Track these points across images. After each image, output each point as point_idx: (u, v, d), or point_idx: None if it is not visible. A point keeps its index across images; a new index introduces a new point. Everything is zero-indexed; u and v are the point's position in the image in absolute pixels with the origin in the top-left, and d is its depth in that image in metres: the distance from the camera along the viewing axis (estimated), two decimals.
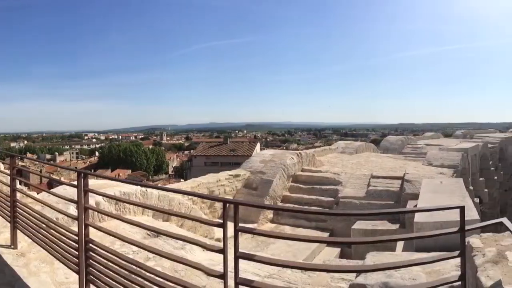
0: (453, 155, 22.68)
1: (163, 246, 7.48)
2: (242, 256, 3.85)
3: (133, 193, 9.36)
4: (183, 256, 6.58)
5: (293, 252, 11.90)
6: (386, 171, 18.89)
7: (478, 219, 8.26)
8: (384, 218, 13.31)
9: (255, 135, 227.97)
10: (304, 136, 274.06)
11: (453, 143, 33.37)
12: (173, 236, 4.54)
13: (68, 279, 5.95)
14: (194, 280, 6.02)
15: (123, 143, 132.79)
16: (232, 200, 4.80)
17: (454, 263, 5.54)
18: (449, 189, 12.07)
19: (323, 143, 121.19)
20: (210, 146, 77.68)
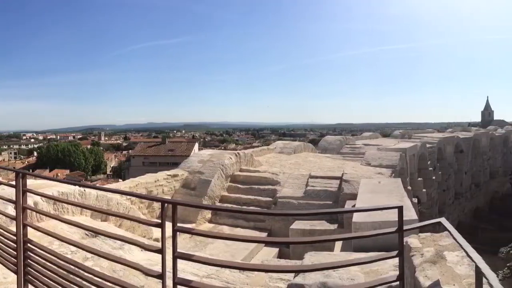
0: (391, 155, 23.31)
1: (102, 246, 7.51)
2: (180, 256, 3.88)
3: (71, 193, 9.36)
4: (122, 256, 6.64)
5: (231, 252, 12.09)
6: (324, 171, 19.25)
7: (416, 219, 8.54)
8: (323, 218, 13.61)
9: (193, 135, 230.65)
10: (242, 136, 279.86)
11: (392, 143, 34.25)
12: (112, 236, 4.56)
13: (6, 279, 5.95)
14: (132, 280, 6.06)
15: (62, 143, 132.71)
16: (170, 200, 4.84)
17: (393, 263, 5.70)
18: (387, 189, 12.44)
19: (261, 143, 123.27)
20: (148, 146, 79.90)
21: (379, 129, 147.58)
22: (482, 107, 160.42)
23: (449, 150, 52.38)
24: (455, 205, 54.29)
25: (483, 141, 66.42)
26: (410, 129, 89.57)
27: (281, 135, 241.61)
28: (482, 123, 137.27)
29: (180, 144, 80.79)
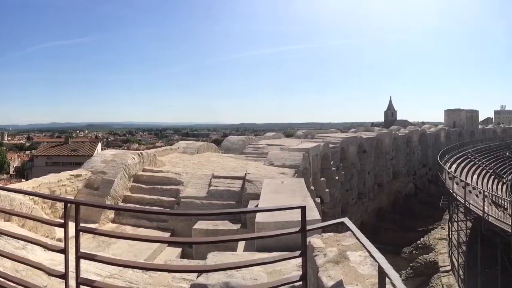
0: (294, 155, 23.79)
1: (4, 246, 7.30)
2: (83, 256, 3.83)
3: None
4: (25, 256, 6.50)
5: (134, 252, 12.08)
6: (227, 171, 19.45)
7: (320, 219, 8.72)
8: (226, 218, 13.79)
9: (96, 135, 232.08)
10: (145, 136, 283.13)
11: (295, 143, 34.84)
12: (14, 236, 4.49)
13: None
14: (35, 280, 5.95)
15: None
16: (73, 200, 4.77)
17: (296, 263, 5.80)
18: (290, 189, 12.65)
19: (165, 143, 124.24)
20: (52, 146, 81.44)
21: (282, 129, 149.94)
22: (385, 107, 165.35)
23: (352, 150, 53.80)
24: (358, 205, 55.83)
25: (386, 141, 68.57)
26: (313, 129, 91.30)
27: (184, 135, 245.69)
28: (385, 123, 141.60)
29: (83, 144, 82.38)
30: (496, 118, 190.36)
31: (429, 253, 43.72)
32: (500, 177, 73.95)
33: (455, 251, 40.78)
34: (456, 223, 42.45)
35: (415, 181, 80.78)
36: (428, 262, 41.39)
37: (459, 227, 42.18)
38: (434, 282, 38.02)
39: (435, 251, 44.09)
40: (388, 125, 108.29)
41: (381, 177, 66.69)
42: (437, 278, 38.33)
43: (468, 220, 41.61)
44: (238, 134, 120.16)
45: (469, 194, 41.23)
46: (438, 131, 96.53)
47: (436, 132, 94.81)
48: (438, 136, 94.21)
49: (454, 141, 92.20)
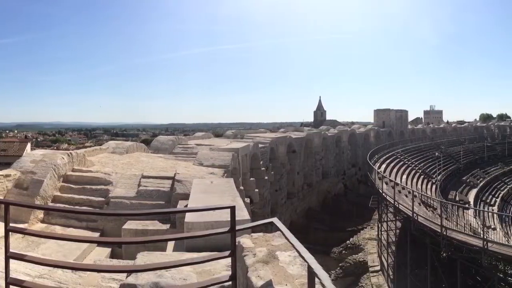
0: (223, 155, 23.93)
1: None
2: (13, 256, 3.79)
3: None
4: None
5: (64, 252, 11.95)
6: (157, 171, 19.44)
7: (249, 219, 8.82)
8: (155, 218, 13.80)
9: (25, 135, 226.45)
10: (75, 136, 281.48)
11: (224, 143, 34.92)
12: None
13: None
14: None
15: None
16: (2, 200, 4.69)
17: (225, 263, 5.84)
18: (220, 189, 12.76)
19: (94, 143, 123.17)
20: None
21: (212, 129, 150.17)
22: (315, 107, 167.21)
23: (282, 150, 54.23)
24: (288, 205, 56.28)
25: (315, 141, 69.36)
26: (242, 129, 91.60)
27: (113, 135, 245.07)
28: (314, 123, 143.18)
29: (12, 144, 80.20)
30: (425, 118, 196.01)
31: (358, 253, 44.43)
32: (429, 177, 76.06)
33: (384, 251, 41.56)
34: (386, 223, 43.25)
35: (344, 181, 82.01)
36: (357, 262, 42.05)
37: (388, 227, 42.99)
38: (363, 282, 38.68)
39: (365, 251, 44.84)
40: (317, 125, 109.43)
41: (310, 177, 67.47)
42: (366, 278, 39.01)
43: (397, 220, 42.42)
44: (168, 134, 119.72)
45: (399, 194, 41.99)
46: (368, 131, 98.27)
47: (366, 132, 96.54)
48: (367, 136, 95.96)
49: (384, 141, 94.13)
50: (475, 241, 30.41)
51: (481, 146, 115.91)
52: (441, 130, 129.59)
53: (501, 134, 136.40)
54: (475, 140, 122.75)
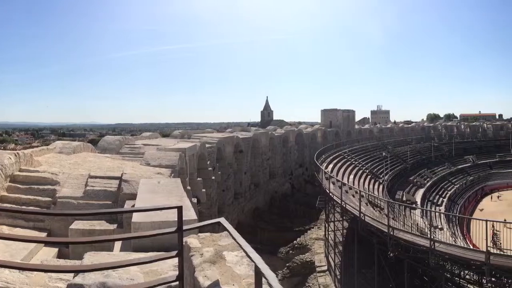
0: (170, 155, 23.95)
1: None
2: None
3: None
4: None
5: (10, 252, 11.82)
6: (104, 171, 19.36)
7: (196, 219, 8.87)
8: (102, 218, 13.80)
9: None
10: (22, 136, 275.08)
11: (171, 143, 34.80)
12: None
13: None
14: None
15: None
16: None
17: (172, 263, 5.89)
18: (167, 189, 12.78)
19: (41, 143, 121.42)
20: None
21: (159, 129, 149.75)
22: (262, 107, 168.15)
23: (229, 150, 54.33)
24: (235, 205, 56.36)
25: (262, 141, 69.55)
26: (190, 129, 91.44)
27: (60, 135, 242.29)
28: (261, 123, 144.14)
29: None
30: (372, 118, 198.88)
31: (305, 253, 44.70)
32: (376, 177, 77.05)
33: (331, 251, 41.94)
34: (333, 223, 43.65)
35: (291, 181, 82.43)
36: (304, 262, 42.31)
37: (335, 227, 43.41)
38: (310, 282, 38.94)
39: (312, 251, 45.15)
40: (264, 125, 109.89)
41: (257, 177, 67.72)
42: (313, 278, 39.28)
43: (344, 220, 42.81)
44: (115, 134, 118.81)
45: (346, 194, 42.40)
46: (315, 131, 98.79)
47: (313, 132, 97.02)
48: (314, 136, 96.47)
49: (331, 141, 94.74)
50: (422, 241, 30.69)
51: (428, 146, 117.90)
52: (388, 130, 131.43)
53: (448, 134, 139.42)
54: (422, 140, 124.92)
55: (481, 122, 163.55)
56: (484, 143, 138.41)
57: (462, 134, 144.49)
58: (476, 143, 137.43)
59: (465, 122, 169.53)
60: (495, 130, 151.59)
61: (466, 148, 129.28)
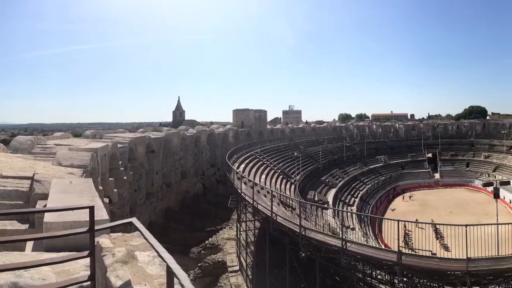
0: (82, 155, 23.64)
1: None
2: None
3: None
4: None
5: None
6: (15, 171, 18.93)
7: (108, 219, 8.84)
8: (14, 218, 13.50)
9: None
10: None
11: (83, 143, 34.25)
12: None
13: None
14: None
15: None
16: None
17: (84, 263, 5.88)
18: (79, 189, 12.66)
19: None
20: None
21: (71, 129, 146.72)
22: (174, 107, 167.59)
23: (141, 150, 53.94)
24: (147, 205, 55.95)
25: (174, 141, 69.37)
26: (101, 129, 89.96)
27: None
28: (173, 123, 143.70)
29: None
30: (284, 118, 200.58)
31: (217, 253, 44.83)
32: (288, 177, 77.81)
33: (243, 251, 42.17)
34: (245, 223, 43.89)
35: (203, 181, 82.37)
36: (216, 262, 42.40)
37: (247, 227, 43.67)
38: (222, 282, 39.06)
39: (224, 251, 45.31)
40: (176, 125, 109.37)
41: (169, 177, 67.40)
42: (225, 278, 39.42)
43: (256, 220, 43.11)
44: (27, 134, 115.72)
45: (258, 194, 42.67)
46: (227, 131, 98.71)
47: (225, 132, 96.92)
48: (226, 136, 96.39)
49: (243, 141, 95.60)
50: (334, 241, 31.03)
51: (340, 146, 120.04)
52: (300, 130, 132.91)
53: (360, 134, 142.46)
54: (334, 140, 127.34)
55: (393, 122, 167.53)
56: (396, 143, 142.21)
57: (374, 134, 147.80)
58: (388, 143, 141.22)
59: (377, 122, 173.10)
60: (407, 130, 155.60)
61: (378, 148, 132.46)
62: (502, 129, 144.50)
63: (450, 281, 28.95)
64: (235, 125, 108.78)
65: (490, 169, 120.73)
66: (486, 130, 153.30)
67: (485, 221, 67.14)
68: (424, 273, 28.07)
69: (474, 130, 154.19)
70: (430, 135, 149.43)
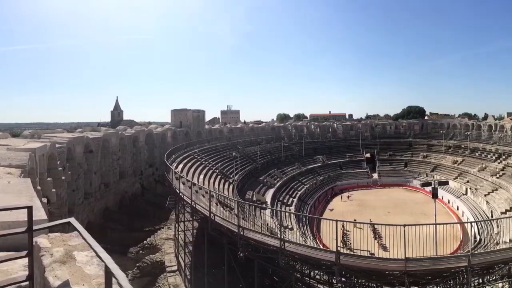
0: (20, 155, 23.28)
1: None
2: None
3: None
4: None
5: None
6: None
7: (46, 219, 8.76)
8: None
9: None
10: None
11: (21, 143, 33.67)
12: None
13: None
14: None
15: None
16: None
17: (23, 263, 5.83)
18: (17, 189, 12.48)
19: None
20: None
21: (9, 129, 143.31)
22: (112, 107, 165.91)
23: (79, 150, 53.37)
24: (85, 205, 55.31)
25: (112, 141, 68.87)
26: (39, 129, 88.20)
27: None
28: (112, 123, 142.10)
29: None
30: (222, 118, 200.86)
31: (155, 253, 44.64)
32: (227, 177, 77.87)
33: (182, 251, 42.04)
34: (183, 223, 43.74)
35: (142, 181, 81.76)
36: (154, 262, 42.21)
37: (186, 227, 43.52)
38: (160, 282, 38.88)
39: (162, 251, 45.15)
40: (115, 125, 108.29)
41: (107, 177, 66.75)
42: (163, 278, 39.25)
43: (195, 220, 43.02)
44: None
45: (196, 194, 42.45)
46: (165, 131, 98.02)
47: (163, 132, 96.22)
48: (164, 136, 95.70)
49: (181, 141, 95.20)
50: (272, 241, 30.94)
51: (278, 146, 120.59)
52: (238, 130, 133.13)
53: (298, 134, 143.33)
54: (272, 140, 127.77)
55: (331, 122, 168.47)
56: (334, 143, 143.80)
57: (312, 134, 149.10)
58: (326, 143, 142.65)
59: (315, 122, 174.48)
60: (345, 130, 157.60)
61: (316, 148, 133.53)
62: (440, 129, 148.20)
63: (389, 281, 29.03)
64: (173, 125, 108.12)
65: (428, 169, 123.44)
66: (424, 130, 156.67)
67: (423, 221, 68.56)
68: (362, 273, 28.18)
69: (412, 130, 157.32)
70: (369, 135, 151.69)
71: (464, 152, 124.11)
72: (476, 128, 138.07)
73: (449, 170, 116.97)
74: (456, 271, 26.66)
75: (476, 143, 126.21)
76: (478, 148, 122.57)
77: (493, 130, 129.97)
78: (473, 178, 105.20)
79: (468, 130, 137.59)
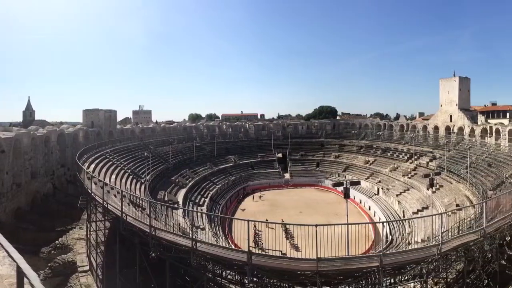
0: None
1: None
2: None
3: None
4: None
5: None
6: None
7: None
8: None
9: None
10: None
11: None
12: None
13: None
14: None
15: None
16: None
17: None
18: None
19: None
20: None
21: None
22: (24, 107, 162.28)
23: None
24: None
25: (24, 141, 67.54)
26: None
27: None
28: (23, 123, 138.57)
29: None
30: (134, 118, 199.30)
31: (67, 253, 43.98)
32: (138, 177, 77.50)
33: (93, 251, 41.66)
34: (95, 223, 43.35)
35: (53, 181, 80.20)
36: (66, 262, 41.60)
37: (97, 227, 43.16)
38: (72, 282, 38.41)
39: (74, 251, 44.53)
40: (26, 125, 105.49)
41: (19, 177, 65.31)
42: (75, 278, 38.78)
43: (106, 220, 42.73)
44: None
45: (108, 194, 42.16)
46: (77, 131, 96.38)
47: (75, 132, 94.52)
48: (76, 136, 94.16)
49: (93, 141, 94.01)
50: (184, 241, 30.90)
51: (190, 146, 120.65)
52: (150, 130, 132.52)
53: (210, 134, 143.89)
54: (184, 140, 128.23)
55: (243, 122, 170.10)
56: (246, 143, 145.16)
57: (224, 134, 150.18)
58: (238, 143, 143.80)
59: (227, 122, 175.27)
60: (257, 130, 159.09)
61: (228, 148, 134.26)
62: (352, 129, 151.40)
63: (300, 281, 29.13)
64: (85, 125, 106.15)
65: (340, 169, 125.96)
66: (336, 130, 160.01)
67: (335, 221, 70.21)
68: (274, 273, 28.30)
69: (324, 130, 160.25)
70: (280, 135, 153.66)
71: (376, 152, 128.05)
72: (388, 128, 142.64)
73: (361, 170, 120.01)
74: (368, 271, 26.92)
75: (388, 143, 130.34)
76: (390, 148, 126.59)
77: (405, 130, 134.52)
78: (385, 178, 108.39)
79: (380, 130, 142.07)
